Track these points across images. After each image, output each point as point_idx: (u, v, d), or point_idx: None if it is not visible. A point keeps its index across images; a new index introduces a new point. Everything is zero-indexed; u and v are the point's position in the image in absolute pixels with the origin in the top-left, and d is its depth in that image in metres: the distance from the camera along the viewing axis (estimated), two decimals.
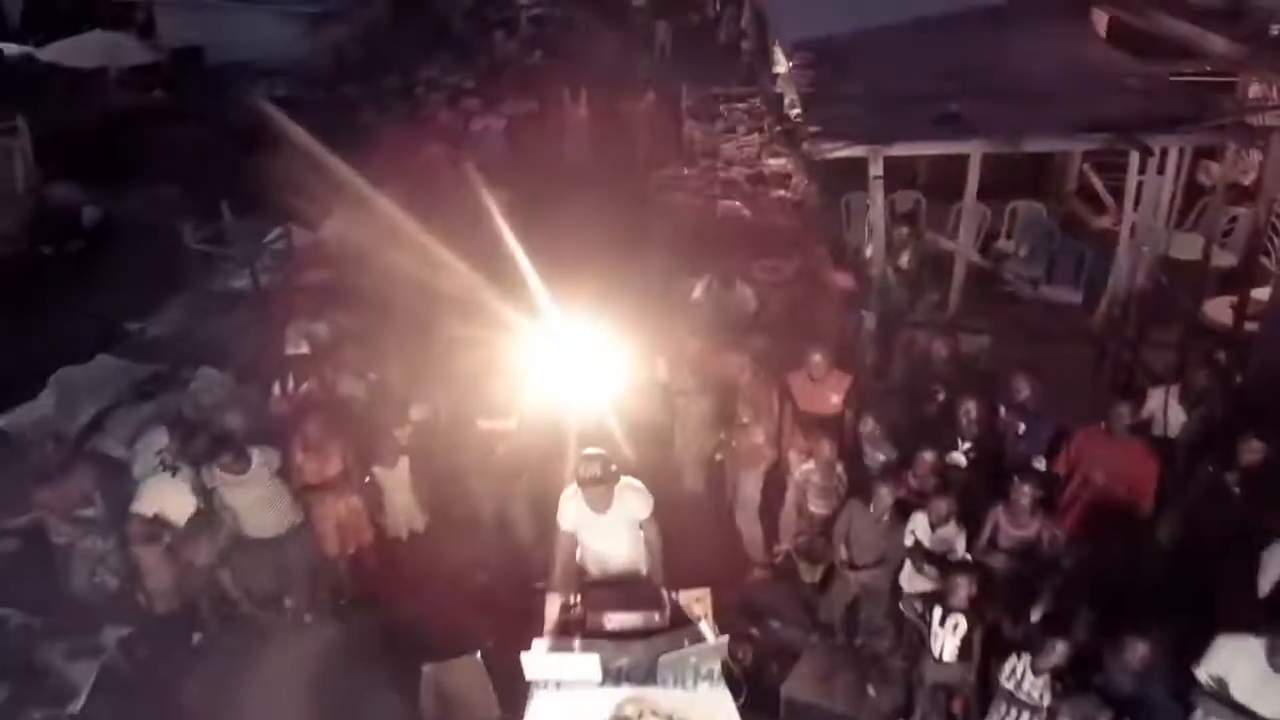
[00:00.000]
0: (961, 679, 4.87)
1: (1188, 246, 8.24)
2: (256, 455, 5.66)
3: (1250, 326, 6.99)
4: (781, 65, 12.01)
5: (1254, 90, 8.83)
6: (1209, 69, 8.47)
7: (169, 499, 5.54)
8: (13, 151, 10.29)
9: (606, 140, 12.38)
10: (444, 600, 5.81)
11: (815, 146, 6.73)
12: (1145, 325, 7.03)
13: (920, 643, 5.13)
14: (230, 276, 9.12)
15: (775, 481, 6.22)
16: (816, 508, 5.88)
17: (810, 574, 6.07)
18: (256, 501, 5.70)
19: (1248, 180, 9.36)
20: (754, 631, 5.86)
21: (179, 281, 9.04)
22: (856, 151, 6.56)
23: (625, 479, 4.89)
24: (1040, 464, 5.29)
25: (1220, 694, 4.08)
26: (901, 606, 5.20)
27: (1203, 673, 4.13)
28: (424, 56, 16.85)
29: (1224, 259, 8.37)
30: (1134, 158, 6.69)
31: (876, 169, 6.61)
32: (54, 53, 15.80)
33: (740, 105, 14.29)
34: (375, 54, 17.43)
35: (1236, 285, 7.44)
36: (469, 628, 5.52)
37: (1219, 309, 7.74)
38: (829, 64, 8.64)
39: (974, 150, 6.64)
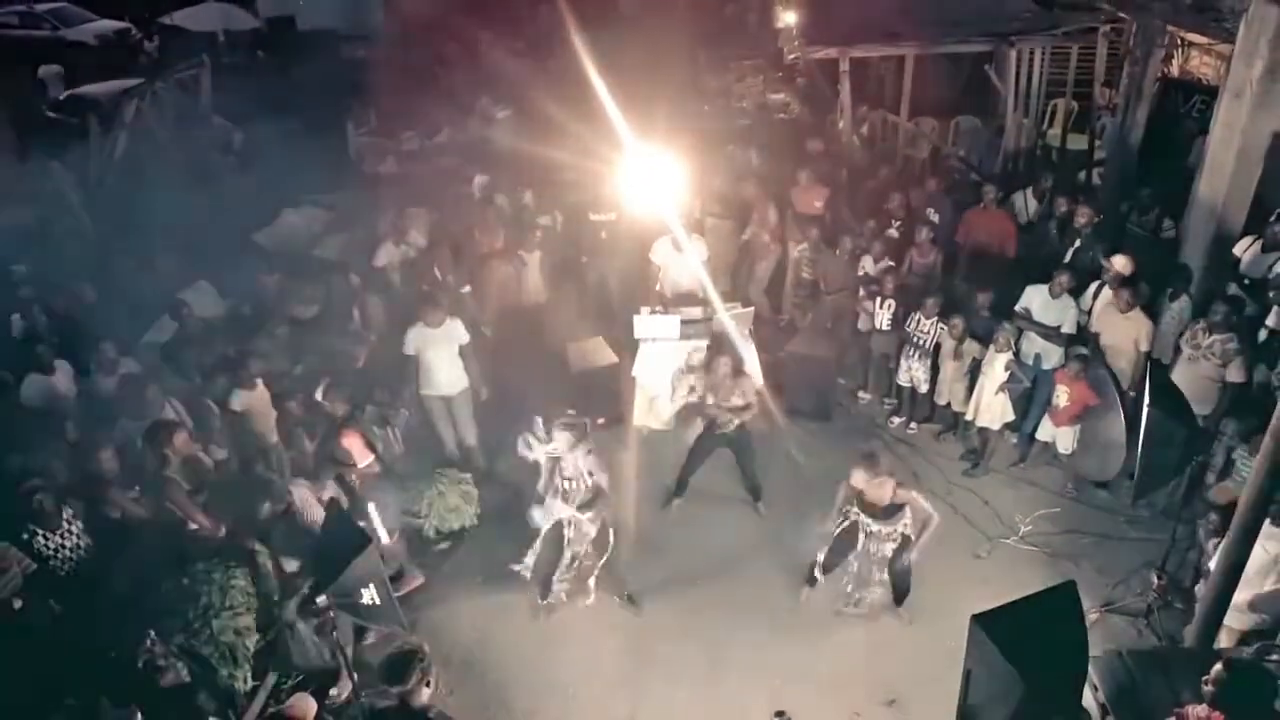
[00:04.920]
0: (892, 344, 8.17)
1: (1080, 141, 11.67)
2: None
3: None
4: (781, 21, 15.40)
5: None
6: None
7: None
8: (201, 78, 13.50)
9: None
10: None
11: (805, 51, 10.05)
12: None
13: (869, 345, 8.45)
14: (378, 162, 12.35)
15: (780, 267, 9.53)
16: (806, 274, 9.20)
17: (803, 321, 9.42)
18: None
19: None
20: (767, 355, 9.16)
21: (340, 167, 12.26)
22: (830, 52, 9.88)
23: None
24: (934, 218, 8.59)
25: (1026, 316, 7.40)
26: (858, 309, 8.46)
27: (1019, 306, 7.46)
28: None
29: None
30: (1013, 55, 10.06)
31: (844, 65, 9.93)
32: (179, 19, 19.15)
33: (747, 63, 17.65)
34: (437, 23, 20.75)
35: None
36: None
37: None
38: (815, 8, 12.00)
39: (908, 51, 9.96)
